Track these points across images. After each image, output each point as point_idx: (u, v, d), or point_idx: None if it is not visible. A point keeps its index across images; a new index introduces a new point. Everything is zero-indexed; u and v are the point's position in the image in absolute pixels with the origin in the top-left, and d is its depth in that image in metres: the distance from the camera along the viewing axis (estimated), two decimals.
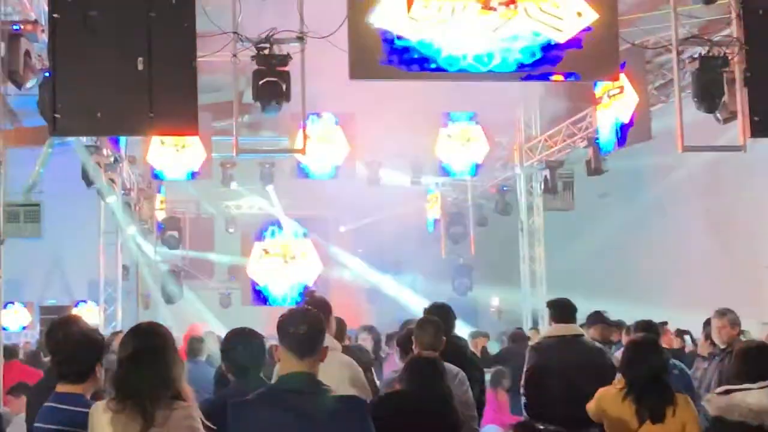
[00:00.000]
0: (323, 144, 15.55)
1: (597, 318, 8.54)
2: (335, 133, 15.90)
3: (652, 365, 5.06)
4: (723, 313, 7.36)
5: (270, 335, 4.61)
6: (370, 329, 9.86)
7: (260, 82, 8.58)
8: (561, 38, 8.70)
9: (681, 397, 5.10)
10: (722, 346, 7.27)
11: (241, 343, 4.60)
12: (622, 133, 12.82)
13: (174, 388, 3.66)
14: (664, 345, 9.88)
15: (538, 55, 8.70)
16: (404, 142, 16.79)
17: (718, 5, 9.41)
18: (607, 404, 5.16)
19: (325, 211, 20.28)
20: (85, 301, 18.41)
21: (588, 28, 8.71)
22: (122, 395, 3.58)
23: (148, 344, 3.71)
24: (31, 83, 8.99)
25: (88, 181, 13.71)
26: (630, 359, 5.16)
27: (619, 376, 5.40)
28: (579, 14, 8.73)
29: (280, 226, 20.44)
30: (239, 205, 20.37)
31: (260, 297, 20.01)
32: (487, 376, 7.99)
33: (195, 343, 8.51)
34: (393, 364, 7.27)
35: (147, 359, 3.65)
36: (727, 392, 4.76)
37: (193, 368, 7.35)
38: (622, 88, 12.57)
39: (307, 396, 3.55)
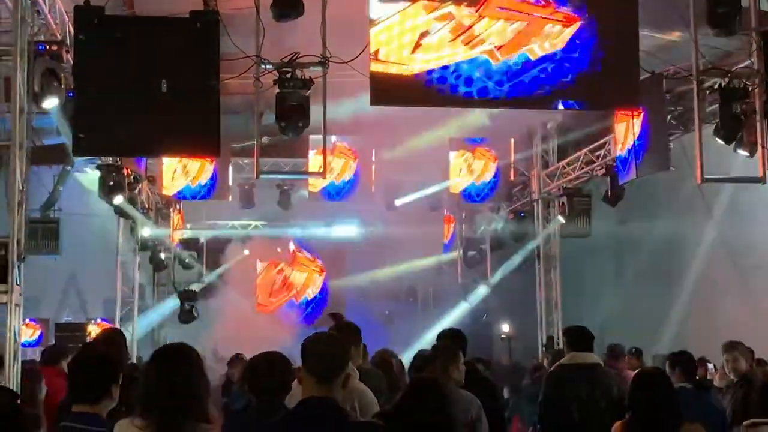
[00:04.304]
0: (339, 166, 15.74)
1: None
2: (350, 156, 16.04)
3: (657, 396, 4.74)
4: (733, 346, 7.29)
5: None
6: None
7: (285, 105, 8.62)
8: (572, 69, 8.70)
9: (692, 427, 4.78)
10: (734, 379, 7.24)
11: (266, 368, 4.57)
12: (640, 162, 12.70)
13: (200, 409, 3.61)
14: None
15: (556, 85, 8.72)
16: (421, 167, 16.82)
17: (738, 36, 9.39)
18: None
19: (341, 232, 20.35)
20: (103, 320, 18.41)
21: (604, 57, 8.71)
22: (149, 412, 3.56)
23: (177, 363, 3.68)
24: (52, 103, 9.08)
25: (107, 200, 13.78)
26: (633, 391, 4.85)
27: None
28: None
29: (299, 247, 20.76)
30: (256, 226, 20.41)
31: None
32: None
33: None
34: None
35: (175, 378, 3.59)
36: (754, 425, 4.75)
37: None
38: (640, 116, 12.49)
39: (327, 421, 3.54)
